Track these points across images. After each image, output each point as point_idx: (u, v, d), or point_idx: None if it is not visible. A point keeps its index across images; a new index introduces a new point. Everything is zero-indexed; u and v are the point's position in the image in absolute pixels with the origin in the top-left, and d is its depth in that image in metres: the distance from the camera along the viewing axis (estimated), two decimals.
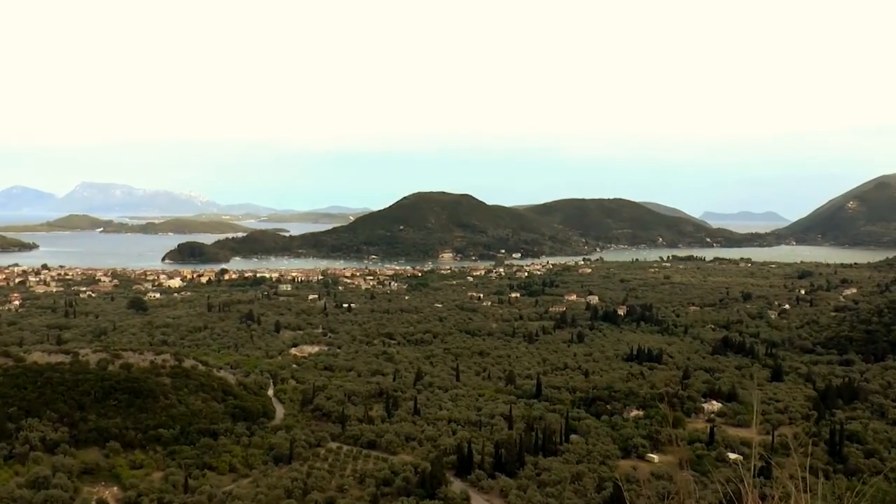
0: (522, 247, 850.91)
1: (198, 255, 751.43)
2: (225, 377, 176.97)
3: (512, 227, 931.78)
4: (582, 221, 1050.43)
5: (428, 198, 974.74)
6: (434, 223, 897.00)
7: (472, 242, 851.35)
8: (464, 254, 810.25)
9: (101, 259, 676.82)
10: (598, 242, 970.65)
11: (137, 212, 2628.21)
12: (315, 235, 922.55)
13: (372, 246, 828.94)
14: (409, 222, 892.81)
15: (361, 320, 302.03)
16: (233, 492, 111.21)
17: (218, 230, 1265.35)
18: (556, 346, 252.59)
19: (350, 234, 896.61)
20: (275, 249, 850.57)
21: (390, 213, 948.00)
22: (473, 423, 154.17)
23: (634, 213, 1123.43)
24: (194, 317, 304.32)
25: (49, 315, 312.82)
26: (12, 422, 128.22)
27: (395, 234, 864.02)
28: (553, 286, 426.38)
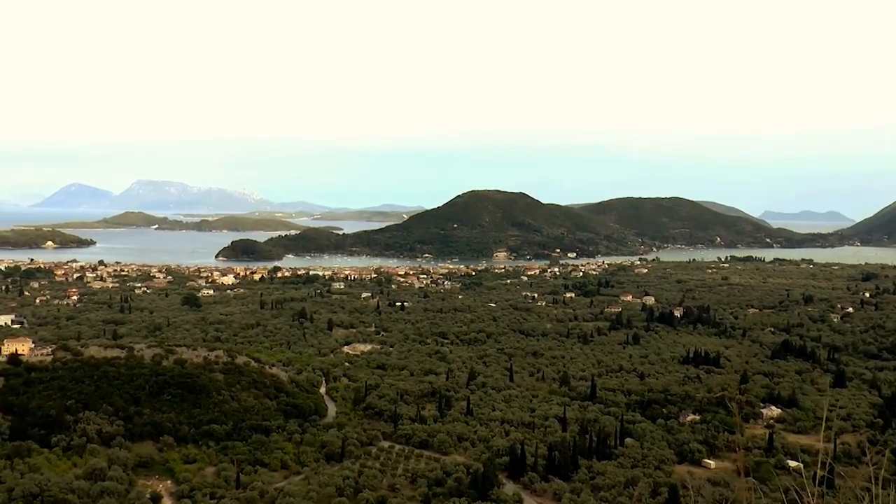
0: (578, 246, 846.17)
1: (251, 253, 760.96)
2: (277, 374, 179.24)
3: (567, 225, 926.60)
4: (638, 220, 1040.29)
5: (482, 196, 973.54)
6: (488, 222, 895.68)
7: (527, 241, 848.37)
8: (518, 253, 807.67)
9: (155, 256, 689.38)
10: (655, 242, 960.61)
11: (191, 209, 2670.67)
12: (368, 234, 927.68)
13: (425, 244, 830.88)
14: (462, 221, 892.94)
15: (414, 319, 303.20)
16: (284, 489, 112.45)
17: (271, 228, 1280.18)
18: (611, 348, 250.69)
19: (403, 232, 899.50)
20: (328, 247, 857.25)
21: (444, 212, 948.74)
22: (527, 424, 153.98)
23: (692, 213, 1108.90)
24: (247, 314, 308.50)
25: (105, 310, 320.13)
26: (70, 414, 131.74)
27: (448, 232, 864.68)
28: (608, 286, 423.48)
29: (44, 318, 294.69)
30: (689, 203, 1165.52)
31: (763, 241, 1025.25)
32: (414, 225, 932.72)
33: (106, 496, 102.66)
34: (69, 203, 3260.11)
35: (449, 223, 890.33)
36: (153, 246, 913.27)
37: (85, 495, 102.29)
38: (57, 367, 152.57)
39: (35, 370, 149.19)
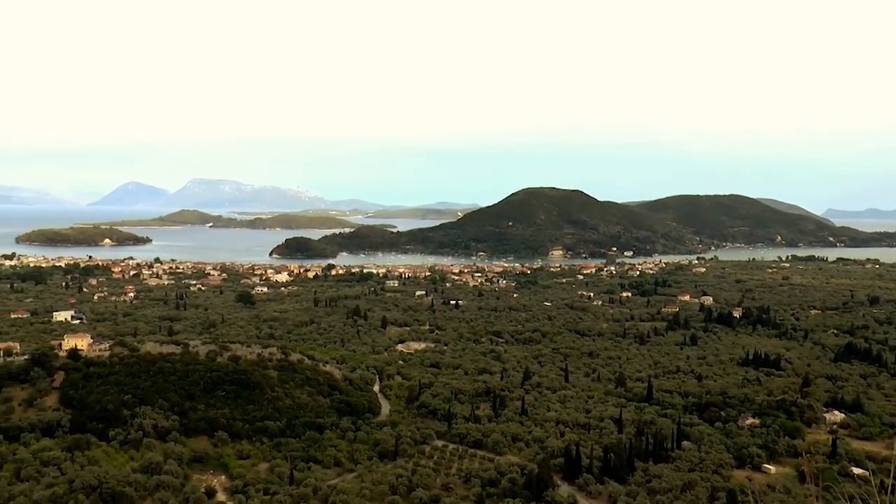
0: (634, 244, 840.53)
1: (305, 251, 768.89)
2: (331, 372, 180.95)
3: (623, 224, 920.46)
4: (696, 219, 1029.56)
5: (537, 193, 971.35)
6: (544, 219, 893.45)
7: (583, 239, 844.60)
8: (574, 251, 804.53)
9: (210, 253, 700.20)
10: (713, 241, 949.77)
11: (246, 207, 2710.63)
12: (423, 231, 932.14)
13: (480, 242, 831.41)
14: (518, 218, 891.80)
15: (469, 318, 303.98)
16: (337, 486, 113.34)
17: (325, 226, 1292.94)
18: (669, 349, 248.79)
19: (458, 230, 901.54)
20: (382, 245, 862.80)
21: (499, 209, 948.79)
22: (582, 425, 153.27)
23: (751, 211, 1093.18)
24: (301, 311, 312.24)
25: (161, 307, 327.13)
26: (127, 409, 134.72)
27: (503, 230, 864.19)
28: (665, 286, 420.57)
29: (102, 314, 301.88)
30: (749, 201, 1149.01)
31: (826, 240, 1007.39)
32: (468, 223, 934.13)
33: (162, 489, 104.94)
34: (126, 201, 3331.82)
35: (504, 221, 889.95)
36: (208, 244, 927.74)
37: (141, 488, 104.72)
38: (114, 363, 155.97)
39: (93, 365, 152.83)
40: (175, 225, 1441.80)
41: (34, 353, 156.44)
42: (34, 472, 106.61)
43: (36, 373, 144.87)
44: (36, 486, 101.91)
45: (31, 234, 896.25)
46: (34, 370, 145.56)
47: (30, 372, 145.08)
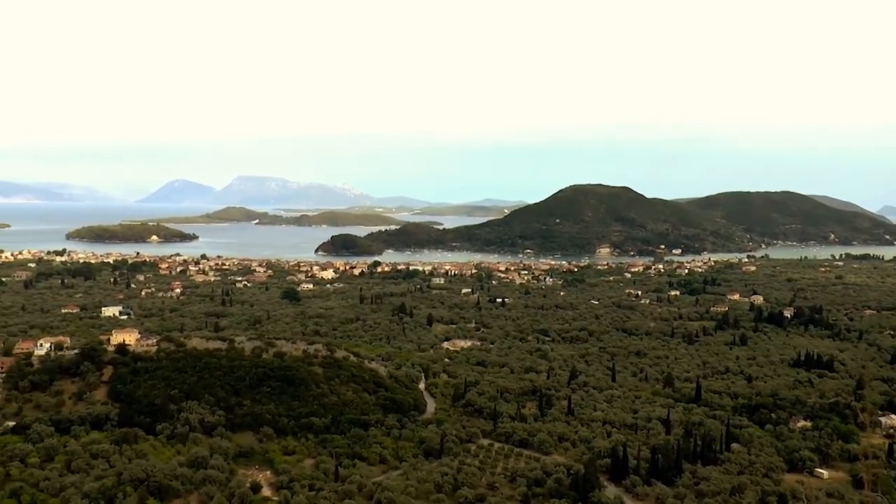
0: (683, 242, 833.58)
1: (350, 248, 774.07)
2: (377, 369, 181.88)
3: (672, 221, 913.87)
4: (746, 216, 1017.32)
5: (585, 190, 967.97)
6: (591, 217, 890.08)
7: (631, 237, 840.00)
8: (621, 249, 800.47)
9: (256, 250, 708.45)
10: (764, 238, 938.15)
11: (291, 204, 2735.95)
12: (469, 229, 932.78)
13: (527, 240, 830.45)
14: (565, 216, 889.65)
15: (515, 315, 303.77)
16: (382, 483, 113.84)
17: (371, 223, 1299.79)
18: (717, 349, 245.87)
19: (504, 227, 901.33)
20: (428, 242, 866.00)
21: (546, 207, 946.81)
22: (629, 425, 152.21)
23: (803, 208, 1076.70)
24: (346, 308, 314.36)
25: (207, 303, 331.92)
26: (174, 403, 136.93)
27: (550, 227, 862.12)
28: (715, 284, 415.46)
29: (149, 309, 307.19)
30: (801, 197, 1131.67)
31: (882, 237, 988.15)
32: (515, 220, 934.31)
33: (208, 484, 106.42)
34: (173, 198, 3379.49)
35: (551, 218, 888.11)
36: (254, 240, 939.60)
37: (188, 482, 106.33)
38: (161, 358, 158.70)
39: (141, 360, 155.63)
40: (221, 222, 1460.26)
41: (84, 347, 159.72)
42: (84, 465, 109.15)
43: (85, 367, 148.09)
44: (86, 477, 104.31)
45: (80, 231, 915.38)
46: (84, 364, 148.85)
47: (79, 366, 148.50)
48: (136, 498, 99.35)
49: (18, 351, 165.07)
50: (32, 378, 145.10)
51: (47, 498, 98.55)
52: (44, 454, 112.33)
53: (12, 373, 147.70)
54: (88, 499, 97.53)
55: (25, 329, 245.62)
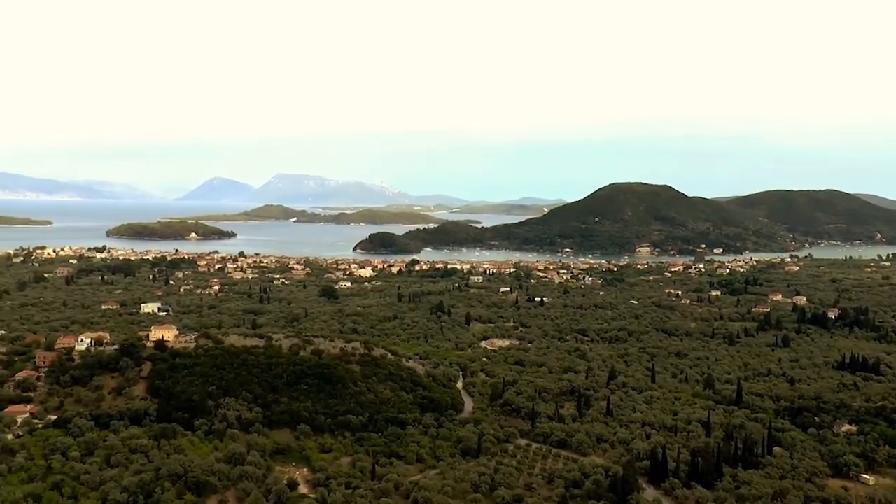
0: (724, 242, 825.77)
1: (389, 246, 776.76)
2: (414, 367, 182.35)
3: (713, 220, 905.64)
4: (789, 215, 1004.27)
5: (624, 189, 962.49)
6: (631, 215, 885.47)
7: (671, 236, 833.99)
8: (662, 248, 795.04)
9: (294, 248, 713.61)
10: (807, 238, 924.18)
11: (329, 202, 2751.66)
12: (508, 227, 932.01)
13: (566, 238, 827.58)
14: (604, 214, 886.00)
15: (554, 315, 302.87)
16: (419, 482, 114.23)
17: (409, 221, 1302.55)
18: (759, 350, 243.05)
19: (543, 226, 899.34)
20: (466, 241, 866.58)
21: (585, 205, 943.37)
22: (668, 427, 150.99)
23: (849, 206, 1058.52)
24: (384, 306, 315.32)
25: (245, 300, 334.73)
26: (212, 399, 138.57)
27: (589, 226, 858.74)
28: (756, 285, 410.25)
29: (187, 306, 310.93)
30: (846, 196, 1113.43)
31: None
32: (554, 218, 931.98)
33: (245, 480, 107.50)
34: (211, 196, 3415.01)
35: (590, 217, 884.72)
36: (292, 238, 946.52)
37: (225, 478, 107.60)
38: (199, 354, 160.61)
39: (179, 356, 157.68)
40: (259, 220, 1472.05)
41: (123, 343, 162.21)
42: (123, 459, 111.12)
43: (125, 363, 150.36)
44: (125, 472, 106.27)
45: (120, 228, 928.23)
46: (123, 360, 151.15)
47: (119, 361, 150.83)
48: (173, 493, 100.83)
49: (60, 346, 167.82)
50: (73, 373, 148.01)
51: (87, 491, 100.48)
52: (84, 448, 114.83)
53: (54, 367, 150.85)
54: (128, 493, 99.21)
55: (67, 324, 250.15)
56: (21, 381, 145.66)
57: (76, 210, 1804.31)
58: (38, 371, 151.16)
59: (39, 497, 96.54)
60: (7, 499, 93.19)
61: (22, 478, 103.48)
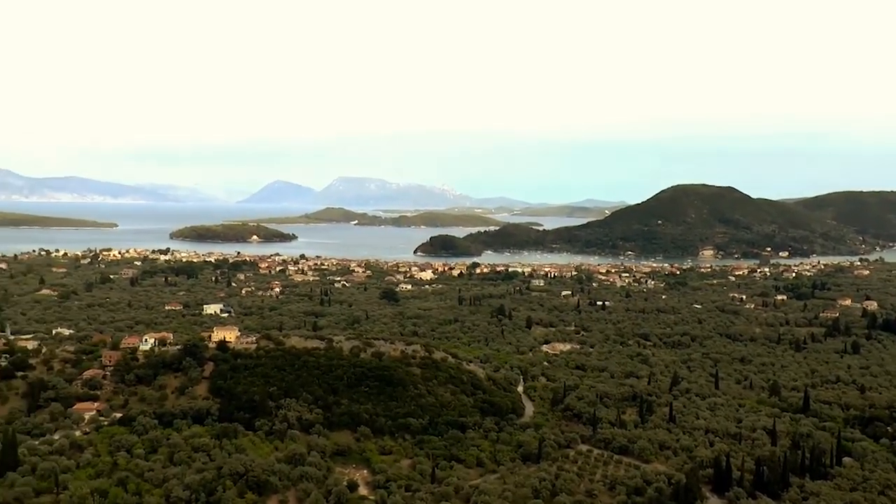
0: (790, 244, 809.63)
1: (449, 248, 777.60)
2: (475, 371, 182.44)
3: (778, 222, 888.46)
4: (859, 217, 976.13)
5: (687, 191, 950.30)
6: (694, 218, 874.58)
7: (735, 239, 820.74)
8: (725, 251, 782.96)
9: (354, 250, 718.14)
10: (878, 241, 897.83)
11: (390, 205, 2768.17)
12: (569, 230, 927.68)
13: (628, 241, 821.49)
14: (667, 217, 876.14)
15: (616, 319, 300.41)
16: (479, 486, 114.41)
17: (470, 223, 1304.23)
18: (827, 357, 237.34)
19: (605, 228, 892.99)
20: (527, 244, 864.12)
21: (647, 207, 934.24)
22: (732, 435, 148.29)
23: None
24: (445, 309, 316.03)
25: (306, 302, 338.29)
26: (273, 400, 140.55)
27: (652, 228, 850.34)
28: (824, 289, 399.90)
29: (249, 307, 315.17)
30: None
31: None
32: (616, 221, 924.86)
33: (305, 481, 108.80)
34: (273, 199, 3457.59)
35: (652, 219, 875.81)
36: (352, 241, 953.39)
37: (286, 478, 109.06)
38: (261, 355, 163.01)
39: (241, 357, 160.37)
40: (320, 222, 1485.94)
41: (186, 343, 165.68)
42: (186, 457, 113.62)
43: (187, 363, 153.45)
44: (187, 470, 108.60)
45: (183, 231, 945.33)
46: (186, 360, 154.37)
47: (182, 361, 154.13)
48: (235, 491, 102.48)
49: (125, 345, 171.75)
50: (138, 372, 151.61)
51: (151, 488, 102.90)
52: (148, 446, 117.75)
53: (119, 366, 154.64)
54: (190, 490, 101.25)
55: (131, 324, 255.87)
56: (88, 379, 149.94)
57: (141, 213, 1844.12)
58: (105, 370, 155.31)
59: (106, 493, 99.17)
60: (75, 493, 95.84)
61: (89, 473, 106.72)
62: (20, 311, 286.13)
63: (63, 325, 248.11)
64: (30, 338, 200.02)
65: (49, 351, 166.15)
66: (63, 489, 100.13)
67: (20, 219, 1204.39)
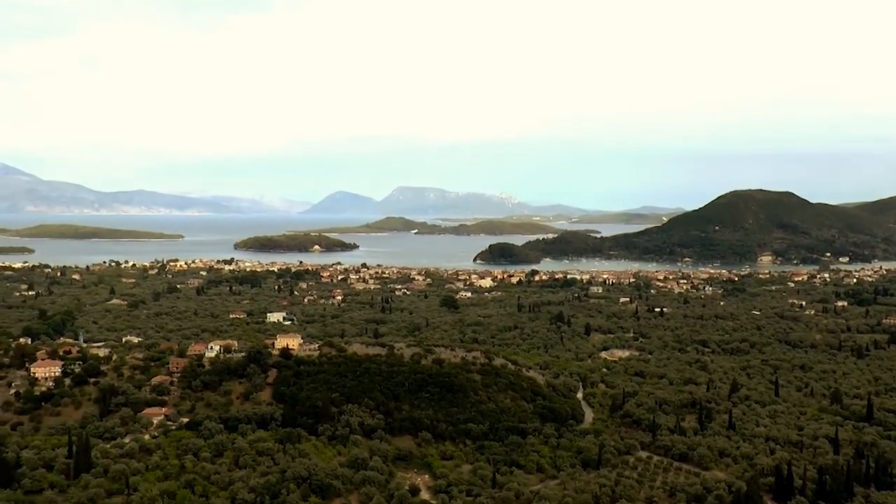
0: (850, 250, 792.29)
1: (508, 256, 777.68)
2: (534, 377, 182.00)
3: (838, 227, 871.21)
4: None
5: (745, 196, 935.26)
6: (751, 223, 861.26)
7: (794, 244, 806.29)
8: (784, 257, 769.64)
9: (415, 259, 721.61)
10: None
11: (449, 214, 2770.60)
12: (626, 237, 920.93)
13: (685, 248, 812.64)
14: (724, 223, 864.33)
15: (674, 326, 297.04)
16: (540, 492, 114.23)
17: (528, 231, 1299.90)
18: (891, 364, 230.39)
19: (662, 235, 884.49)
20: (585, 251, 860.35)
21: (705, 213, 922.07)
22: (794, 443, 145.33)
23: None
24: (504, 316, 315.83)
25: (367, 310, 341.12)
26: (335, 406, 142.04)
27: (709, 235, 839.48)
28: (887, 295, 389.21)
29: (311, 315, 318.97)
30: None
31: None
32: (673, 227, 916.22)
33: (367, 485, 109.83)
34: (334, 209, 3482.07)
35: (710, 225, 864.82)
36: (413, 249, 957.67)
37: (348, 482, 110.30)
38: (323, 362, 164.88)
39: (303, 364, 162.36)
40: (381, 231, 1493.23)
41: (250, 351, 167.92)
42: (251, 461, 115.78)
43: (252, 369, 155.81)
44: (252, 473, 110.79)
45: (246, 241, 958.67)
46: (250, 367, 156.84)
47: (246, 368, 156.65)
48: (298, 495, 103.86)
49: (192, 353, 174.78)
50: (204, 378, 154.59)
51: (217, 490, 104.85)
52: (214, 449, 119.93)
53: (186, 373, 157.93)
54: (255, 493, 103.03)
55: (197, 332, 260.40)
56: (156, 385, 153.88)
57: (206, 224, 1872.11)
58: (172, 376, 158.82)
59: (174, 494, 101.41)
60: (145, 495, 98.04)
61: (158, 475, 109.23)
62: (92, 320, 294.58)
63: (132, 333, 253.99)
64: (101, 345, 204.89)
65: (119, 358, 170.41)
66: (133, 490, 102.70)
67: (92, 231, 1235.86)
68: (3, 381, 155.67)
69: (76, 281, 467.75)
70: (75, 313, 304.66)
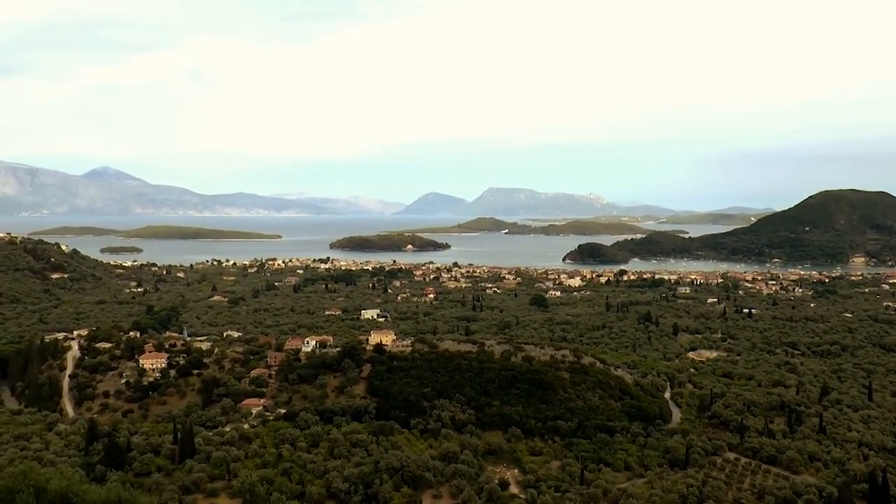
0: None
1: (597, 256, 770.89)
2: (622, 376, 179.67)
3: None
4: None
5: (836, 196, 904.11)
6: (843, 224, 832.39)
7: (889, 245, 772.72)
8: (878, 258, 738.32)
9: (505, 258, 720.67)
10: None
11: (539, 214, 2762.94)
12: (714, 237, 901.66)
13: (774, 248, 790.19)
14: (815, 223, 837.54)
15: (762, 327, 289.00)
16: (627, 490, 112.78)
17: (617, 232, 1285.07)
18: None
19: (751, 235, 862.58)
20: (673, 251, 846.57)
21: (794, 214, 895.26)
22: (889, 449, 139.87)
23: None
24: (593, 315, 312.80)
25: (458, 308, 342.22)
26: (427, 400, 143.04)
27: (799, 235, 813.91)
28: None
29: (404, 312, 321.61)
30: None
31: None
32: (762, 228, 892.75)
33: (458, 477, 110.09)
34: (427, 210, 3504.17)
35: (800, 226, 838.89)
36: (503, 249, 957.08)
37: (439, 474, 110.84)
38: (415, 358, 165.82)
39: (396, 359, 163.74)
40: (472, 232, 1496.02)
41: (345, 346, 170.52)
42: (345, 452, 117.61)
43: (346, 364, 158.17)
44: (346, 463, 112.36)
45: (342, 241, 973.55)
46: (345, 361, 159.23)
47: (341, 363, 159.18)
48: (391, 485, 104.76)
49: (289, 347, 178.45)
50: (300, 372, 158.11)
51: (313, 479, 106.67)
52: (310, 440, 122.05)
53: (283, 366, 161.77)
54: (349, 483, 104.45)
55: (294, 328, 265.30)
56: (255, 377, 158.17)
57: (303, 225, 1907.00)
58: (270, 369, 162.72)
59: (272, 481, 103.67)
60: (245, 481, 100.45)
61: (256, 463, 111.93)
62: (195, 315, 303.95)
63: (233, 328, 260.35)
64: (204, 339, 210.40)
65: (220, 351, 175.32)
66: (234, 476, 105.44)
67: (196, 232, 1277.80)
68: (115, 371, 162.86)
69: (181, 279, 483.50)
70: (180, 309, 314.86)
